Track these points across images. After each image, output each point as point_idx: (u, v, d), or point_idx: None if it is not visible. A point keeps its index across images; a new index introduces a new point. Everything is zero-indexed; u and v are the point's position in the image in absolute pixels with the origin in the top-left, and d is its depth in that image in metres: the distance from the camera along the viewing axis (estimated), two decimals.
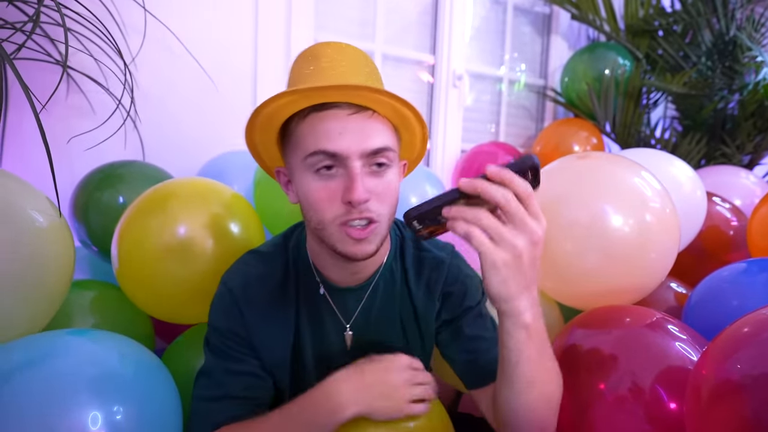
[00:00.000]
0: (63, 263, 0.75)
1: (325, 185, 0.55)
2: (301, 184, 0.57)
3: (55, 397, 0.54)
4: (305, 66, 0.58)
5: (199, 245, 0.82)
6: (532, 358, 0.52)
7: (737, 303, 0.77)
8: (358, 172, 0.54)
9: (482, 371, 0.66)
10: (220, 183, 0.94)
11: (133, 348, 0.67)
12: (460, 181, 0.45)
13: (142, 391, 0.61)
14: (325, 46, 0.59)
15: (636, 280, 0.82)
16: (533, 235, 0.45)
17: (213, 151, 1.41)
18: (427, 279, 0.69)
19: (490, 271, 0.45)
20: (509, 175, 0.44)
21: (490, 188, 0.44)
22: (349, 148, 0.54)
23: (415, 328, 0.71)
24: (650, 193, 0.81)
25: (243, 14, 1.45)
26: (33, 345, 0.60)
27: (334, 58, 0.57)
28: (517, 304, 0.48)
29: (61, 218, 0.76)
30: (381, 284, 0.68)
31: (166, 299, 0.85)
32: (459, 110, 1.95)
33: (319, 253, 0.65)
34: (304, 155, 0.55)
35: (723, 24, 1.98)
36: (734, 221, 1.17)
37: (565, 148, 1.88)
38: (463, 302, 0.69)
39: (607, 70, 1.94)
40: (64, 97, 1.23)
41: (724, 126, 2.03)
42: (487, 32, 2.07)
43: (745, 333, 0.52)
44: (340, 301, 0.67)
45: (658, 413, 0.61)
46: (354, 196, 0.53)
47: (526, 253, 0.45)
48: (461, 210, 0.45)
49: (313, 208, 0.56)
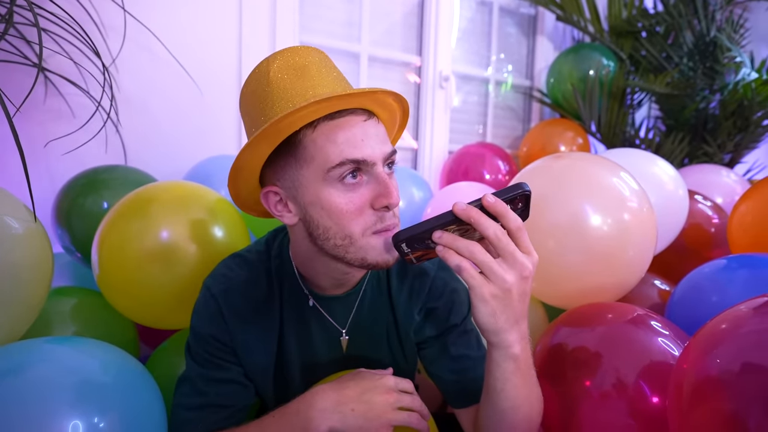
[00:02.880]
0: (40, 270, 0.73)
1: (352, 195, 0.53)
2: (318, 199, 0.53)
3: (35, 406, 0.52)
4: (294, 78, 0.54)
5: (182, 250, 0.81)
6: (517, 386, 0.52)
7: (718, 299, 0.78)
8: (386, 176, 0.53)
9: (467, 391, 0.64)
10: (204, 187, 0.93)
11: (115, 354, 0.66)
12: (454, 206, 0.45)
13: (124, 398, 0.59)
14: (302, 55, 0.56)
15: (616, 278, 0.83)
16: (523, 270, 0.46)
17: (198, 155, 1.39)
18: (409, 288, 0.67)
19: (480, 303, 0.46)
20: (503, 208, 0.45)
21: (483, 222, 0.44)
22: (373, 154, 0.53)
23: (396, 339, 0.69)
24: (628, 192, 0.82)
25: (226, 16, 1.44)
26: (12, 353, 0.58)
27: (319, 65, 0.56)
28: (506, 337, 0.48)
29: (37, 224, 0.74)
30: (368, 291, 0.67)
31: (149, 305, 0.83)
32: (446, 111, 1.96)
33: (308, 261, 0.62)
34: (326, 168, 0.52)
35: (704, 25, 2.02)
36: (715, 219, 1.19)
37: (551, 148, 1.90)
38: (448, 319, 0.67)
39: (592, 70, 1.97)
40: (42, 101, 1.20)
41: (705, 125, 2.07)
42: (473, 33, 2.08)
43: (724, 328, 0.53)
44: (331, 309, 0.66)
45: (642, 407, 0.62)
46: (392, 199, 0.52)
47: (515, 288, 0.46)
48: (454, 239, 0.46)
49: (339, 223, 0.53)
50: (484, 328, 0.48)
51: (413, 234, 0.47)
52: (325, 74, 0.55)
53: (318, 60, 0.56)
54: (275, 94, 0.53)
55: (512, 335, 0.49)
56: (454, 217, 0.45)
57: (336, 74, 0.57)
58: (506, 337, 0.48)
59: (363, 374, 0.58)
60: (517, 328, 0.49)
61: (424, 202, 1.50)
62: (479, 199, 0.45)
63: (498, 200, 0.45)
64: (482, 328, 0.48)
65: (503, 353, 0.50)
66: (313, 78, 0.54)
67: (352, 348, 0.68)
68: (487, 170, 1.75)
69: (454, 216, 0.45)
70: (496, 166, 1.76)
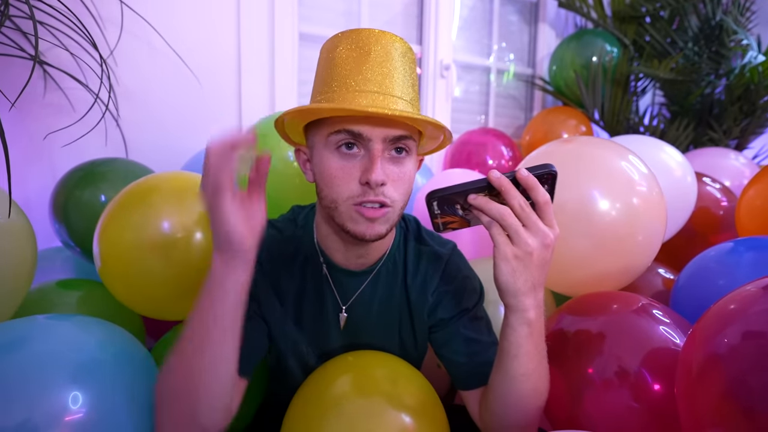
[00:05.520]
0: (14, 264, 0.73)
1: (344, 164, 0.56)
2: (320, 161, 0.58)
3: (35, 380, 0.51)
4: (351, 60, 0.56)
5: (184, 240, 0.81)
6: (530, 353, 0.54)
7: (724, 282, 0.77)
8: (379, 155, 0.55)
9: (475, 374, 0.65)
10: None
11: (115, 332, 0.65)
12: (490, 174, 0.49)
13: (124, 374, 0.59)
14: (376, 41, 0.57)
15: (624, 263, 0.82)
16: (545, 238, 0.49)
17: (198, 147, 1.38)
18: (424, 272, 0.69)
19: (502, 262, 0.49)
20: (534, 182, 0.48)
21: (512, 192, 0.48)
22: (372, 130, 0.55)
23: (408, 323, 0.71)
24: (637, 176, 0.80)
25: (225, 7, 1.43)
26: (13, 328, 0.57)
27: (379, 61, 0.57)
28: (523, 299, 0.51)
29: (19, 217, 0.73)
30: (383, 272, 0.69)
31: (152, 296, 0.83)
32: (447, 100, 1.94)
33: (327, 235, 0.65)
34: (327, 132, 0.56)
35: (709, 9, 1.98)
36: (724, 201, 1.17)
37: (554, 136, 1.88)
38: (460, 303, 0.69)
39: (595, 57, 1.94)
40: (42, 95, 1.20)
41: (711, 111, 2.04)
42: (474, 22, 2.05)
43: (732, 309, 0.52)
44: (341, 282, 0.68)
45: (644, 393, 0.62)
46: (372, 176, 0.54)
47: (536, 253, 0.49)
48: (487, 202, 0.49)
49: (329, 186, 0.57)
50: (503, 288, 0.50)
51: (446, 194, 0.50)
52: (385, 68, 0.56)
53: (381, 50, 0.57)
54: (328, 61, 0.58)
55: (529, 299, 0.51)
56: (487, 183, 0.49)
57: (389, 69, 0.57)
58: (523, 299, 0.51)
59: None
60: (533, 294, 0.51)
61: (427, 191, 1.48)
62: (513, 171, 0.49)
63: (530, 174, 0.48)
64: (501, 288, 0.51)
65: (519, 317, 0.52)
66: (372, 71, 0.56)
67: (352, 326, 0.69)
68: (490, 156, 1.72)
69: (487, 183, 0.49)
70: (500, 151, 1.73)
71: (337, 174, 0.56)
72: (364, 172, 0.55)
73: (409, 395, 0.59)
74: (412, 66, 0.60)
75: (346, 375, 0.62)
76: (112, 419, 0.54)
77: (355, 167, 0.56)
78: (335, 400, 0.57)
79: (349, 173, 0.56)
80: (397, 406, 0.57)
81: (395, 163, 0.57)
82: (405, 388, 0.60)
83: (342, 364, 0.64)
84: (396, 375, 0.62)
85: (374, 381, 0.60)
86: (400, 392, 0.59)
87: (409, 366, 0.66)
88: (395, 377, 0.61)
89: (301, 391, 0.63)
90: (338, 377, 0.61)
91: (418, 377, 0.64)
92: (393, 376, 0.61)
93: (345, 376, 0.61)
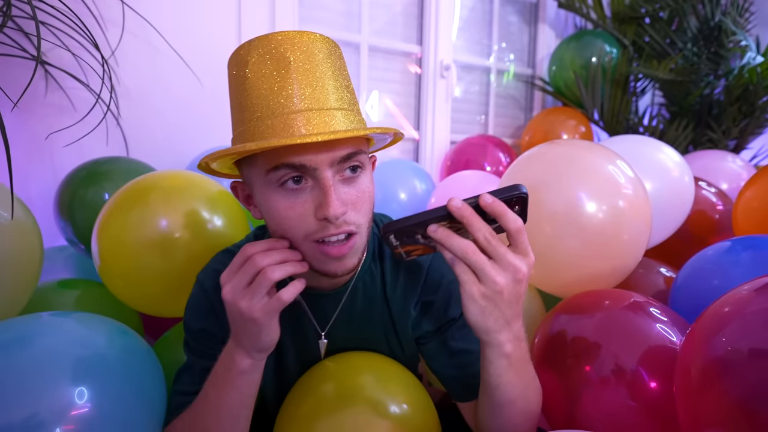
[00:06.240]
0: (23, 261, 0.73)
1: (293, 201, 0.48)
2: (265, 201, 0.50)
3: (41, 375, 0.52)
4: (269, 76, 0.47)
5: (182, 239, 0.81)
6: (512, 382, 0.51)
7: (720, 282, 0.78)
8: (330, 184, 0.47)
9: (468, 386, 0.63)
10: (204, 176, 0.93)
11: (119, 328, 0.65)
12: (449, 202, 0.43)
13: (126, 369, 0.59)
14: (292, 45, 0.48)
15: (612, 263, 0.83)
16: (517, 272, 0.44)
17: (199, 147, 1.39)
18: (403, 284, 0.64)
19: (469, 302, 0.45)
20: (502, 208, 0.43)
21: (475, 223, 0.43)
22: (315, 158, 0.47)
23: (393, 336, 0.67)
24: (623, 179, 0.82)
25: (225, 6, 1.43)
26: (16, 325, 0.58)
27: (303, 70, 0.48)
28: (496, 336, 0.47)
29: (26, 216, 0.74)
30: (360, 287, 0.64)
31: (150, 294, 0.84)
32: (447, 101, 1.95)
33: None
34: (265, 169, 0.48)
35: (708, 9, 1.99)
36: (720, 205, 1.18)
37: (553, 137, 1.89)
38: (446, 312, 0.64)
39: (594, 57, 1.95)
40: (44, 96, 1.20)
41: (710, 111, 2.05)
42: (474, 22, 2.06)
43: (729, 310, 0.52)
44: (317, 307, 0.63)
45: (641, 392, 0.62)
46: (330, 211, 0.46)
47: (507, 290, 0.44)
48: (448, 236, 0.44)
49: (282, 227, 0.50)
50: (474, 327, 0.47)
51: (402, 227, 0.45)
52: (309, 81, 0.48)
53: (301, 57, 0.48)
54: (252, 94, 0.48)
55: (502, 335, 0.47)
56: (447, 212, 0.44)
57: (317, 76, 0.48)
58: (496, 336, 0.47)
59: None
60: (508, 329, 0.47)
61: (426, 194, 1.49)
62: (477, 196, 0.43)
63: (496, 200, 0.43)
64: (472, 326, 0.47)
65: (495, 351, 0.49)
66: (294, 87, 0.47)
67: (341, 346, 0.66)
68: (488, 162, 1.74)
69: (447, 212, 0.43)
70: (497, 158, 1.75)
71: (288, 214, 0.49)
72: (319, 207, 0.47)
73: (396, 396, 0.59)
74: (340, 62, 0.51)
75: (329, 383, 0.60)
76: (117, 414, 0.54)
77: (306, 202, 0.48)
78: (322, 412, 0.57)
79: (302, 210, 0.48)
80: (384, 411, 0.56)
81: (350, 184, 0.50)
82: (393, 388, 0.60)
83: (323, 372, 0.62)
84: (384, 376, 0.61)
85: (359, 386, 0.59)
86: (388, 395, 0.58)
87: (395, 363, 0.65)
88: (382, 379, 0.61)
89: (286, 406, 0.62)
90: (321, 385, 0.60)
91: (406, 375, 0.64)
92: (379, 378, 0.61)
93: (328, 384, 0.60)
